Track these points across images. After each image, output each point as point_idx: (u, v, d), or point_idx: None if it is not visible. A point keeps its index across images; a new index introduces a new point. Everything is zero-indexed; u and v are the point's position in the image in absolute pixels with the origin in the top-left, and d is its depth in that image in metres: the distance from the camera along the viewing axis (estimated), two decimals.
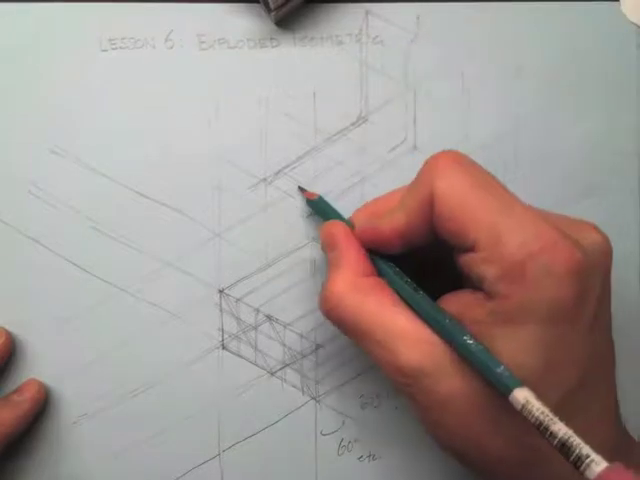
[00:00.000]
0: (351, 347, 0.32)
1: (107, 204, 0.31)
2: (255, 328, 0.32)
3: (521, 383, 0.21)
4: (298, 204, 0.32)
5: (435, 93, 0.32)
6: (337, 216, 0.29)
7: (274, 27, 0.31)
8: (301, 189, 0.31)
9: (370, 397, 0.32)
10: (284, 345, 0.32)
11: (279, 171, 0.31)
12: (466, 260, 0.23)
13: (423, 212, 0.24)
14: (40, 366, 0.31)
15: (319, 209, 0.30)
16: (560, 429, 0.20)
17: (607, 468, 0.18)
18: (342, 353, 0.32)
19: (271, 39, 0.31)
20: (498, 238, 0.22)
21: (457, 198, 0.23)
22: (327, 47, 0.31)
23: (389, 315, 0.24)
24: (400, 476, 0.32)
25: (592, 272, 0.22)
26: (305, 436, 0.32)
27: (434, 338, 0.23)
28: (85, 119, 0.31)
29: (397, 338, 0.24)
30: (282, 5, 0.29)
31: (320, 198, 0.30)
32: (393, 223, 0.25)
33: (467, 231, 0.23)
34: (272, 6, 0.29)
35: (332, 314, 0.26)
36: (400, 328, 0.24)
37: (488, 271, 0.22)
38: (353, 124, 0.32)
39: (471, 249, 0.23)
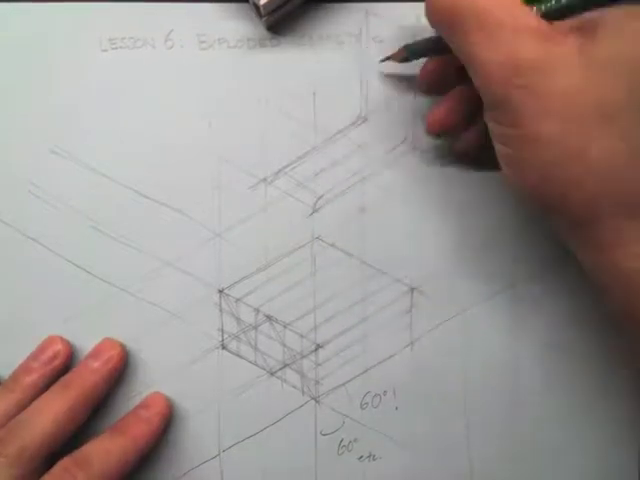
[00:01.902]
0: (351, 347, 0.32)
1: (107, 204, 0.31)
2: (255, 328, 0.32)
3: None
4: (298, 204, 0.32)
5: None
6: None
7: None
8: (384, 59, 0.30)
9: (370, 397, 0.32)
10: (284, 345, 0.32)
11: (279, 171, 0.31)
12: None
13: None
14: None
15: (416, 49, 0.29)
16: None
17: None
18: (342, 353, 0.32)
19: (271, 39, 0.31)
20: None
21: None
22: (327, 47, 0.31)
23: (515, 10, 0.23)
24: (400, 476, 0.32)
25: None
26: (305, 436, 0.32)
27: (558, 35, 0.23)
28: (85, 119, 0.31)
29: (518, 32, 0.23)
30: (273, 11, 0.29)
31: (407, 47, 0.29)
32: None
33: None
34: (263, 12, 0.29)
35: (446, 5, 0.24)
36: (523, 21, 0.23)
37: None
38: (353, 124, 0.32)
39: None
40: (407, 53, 0.29)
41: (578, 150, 0.23)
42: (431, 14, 0.25)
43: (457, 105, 0.29)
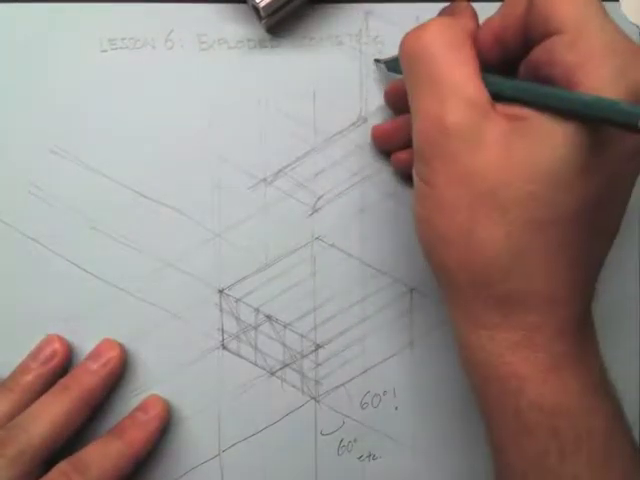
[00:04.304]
0: (351, 347, 0.32)
1: (107, 204, 0.31)
2: (255, 328, 0.32)
3: None
4: (298, 204, 0.32)
5: None
6: None
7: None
8: (377, 60, 0.31)
9: (370, 397, 0.32)
10: (284, 345, 0.32)
11: (279, 171, 0.31)
12: (547, 46, 0.23)
13: (518, 8, 0.24)
14: None
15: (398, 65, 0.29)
16: None
17: None
18: (342, 353, 0.32)
19: (271, 39, 0.31)
20: (584, 25, 0.22)
21: None
22: (327, 47, 0.31)
23: (462, 74, 0.23)
24: (400, 476, 0.32)
25: None
26: (305, 436, 0.32)
27: (493, 113, 0.23)
28: (85, 119, 0.31)
29: (454, 95, 0.23)
30: (273, 13, 0.29)
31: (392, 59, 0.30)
32: (488, 24, 0.25)
33: (555, 14, 0.22)
34: (262, 15, 0.29)
35: (409, 47, 0.25)
36: (463, 86, 0.23)
37: (569, 55, 0.22)
38: (353, 124, 0.32)
39: (556, 32, 0.22)
40: (387, 66, 0.30)
41: (471, 226, 0.23)
42: (399, 52, 0.26)
43: (402, 128, 0.29)
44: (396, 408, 0.32)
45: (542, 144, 0.22)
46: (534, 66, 0.24)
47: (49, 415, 0.28)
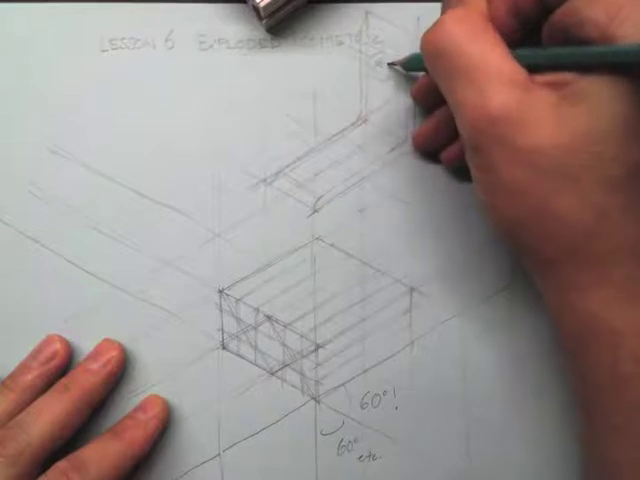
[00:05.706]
0: (351, 347, 0.32)
1: (107, 204, 0.31)
2: (255, 328, 0.32)
3: None
4: (298, 204, 0.32)
5: None
6: None
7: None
8: (390, 64, 0.31)
9: (370, 397, 0.32)
10: (284, 345, 0.32)
11: (279, 171, 0.32)
12: (571, 7, 0.22)
13: None
14: None
15: (417, 63, 0.29)
16: None
17: None
18: (342, 353, 0.32)
19: (271, 39, 0.31)
20: None
21: None
22: (327, 47, 0.31)
23: (494, 58, 0.23)
24: (400, 476, 0.32)
25: None
26: (305, 436, 0.32)
27: (535, 87, 0.23)
28: (85, 119, 0.31)
29: (493, 80, 0.23)
30: (273, 13, 0.30)
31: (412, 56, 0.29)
32: None
33: None
34: (263, 15, 0.29)
35: (432, 45, 0.25)
36: (499, 69, 0.23)
37: (596, 10, 0.22)
38: (353, 124, 0.32)
39: None
40: (404, 67, 0.30)
41: (542, 203, 0.23)
42: (422, 52, 0.26)
43: (442, 123, 0.29)
44: (396, 408, 0.32)
45: (596, 104, 0.22)
46: (561, 29, 0.23)
47: (49, 415, 0.28)
